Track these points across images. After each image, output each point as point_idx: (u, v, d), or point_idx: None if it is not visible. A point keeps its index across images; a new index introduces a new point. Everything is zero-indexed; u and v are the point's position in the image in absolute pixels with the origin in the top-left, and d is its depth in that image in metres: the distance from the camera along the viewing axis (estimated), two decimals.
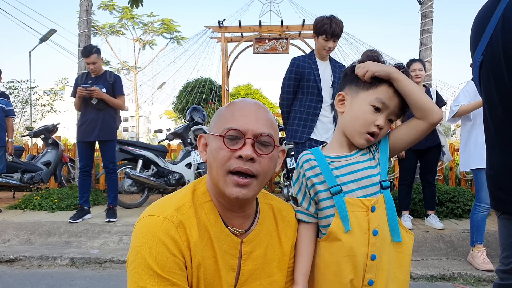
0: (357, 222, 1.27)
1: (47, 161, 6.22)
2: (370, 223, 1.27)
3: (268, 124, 1.06)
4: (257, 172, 1.03)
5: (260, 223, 1.16)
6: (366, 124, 1.28)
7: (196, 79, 15.87)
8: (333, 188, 1.28)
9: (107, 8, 21.71)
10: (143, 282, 0.96)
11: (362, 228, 1.27)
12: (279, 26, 8.40)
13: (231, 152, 1.01)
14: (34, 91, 15.72)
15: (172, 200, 1.08)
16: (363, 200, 1.28)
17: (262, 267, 1.14)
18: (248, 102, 1.10)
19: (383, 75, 1.27)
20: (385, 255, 1.29)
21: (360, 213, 1.27)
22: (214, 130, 1.06)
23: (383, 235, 1.29)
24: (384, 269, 1.29)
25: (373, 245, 1.28)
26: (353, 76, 1.33)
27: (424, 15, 5.73)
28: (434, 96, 4.29)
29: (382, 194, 1.29)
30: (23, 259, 3.68)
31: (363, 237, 1.27)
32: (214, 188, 1.07)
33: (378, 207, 1.28)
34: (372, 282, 1.28)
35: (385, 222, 1.30)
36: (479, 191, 3.37)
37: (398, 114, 1.30)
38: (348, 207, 1.27)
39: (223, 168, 1.02)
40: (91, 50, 4.48)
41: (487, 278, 3.24)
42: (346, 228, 1.26)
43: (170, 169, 5.55)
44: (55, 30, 16.11)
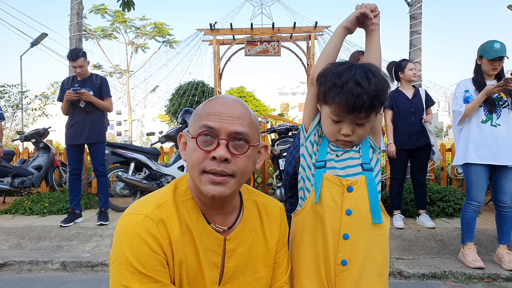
0: (332, 198, 1.32)
1: (38, 165, 6.16)
2: (344, 202, 1.32)
3: (243, 123, 1.04)
4: (232, 172, 1.02)
5: (244, 220, 1.16)
6: (332, 134, 1.35)
7: (188, 82, 15.86)
8: (318, 163, 1.36)
9: (99, 11, 21.65)
10: (125, 281, 0.96)
11: (336, 204, 1.32)
12: (270, 29, 8.43)
13: (205, 153, 1.01)
14: (25, 95, 15.59)
15: (153, 198, 1.07)
16: (342, 179, 1.34)
17: (246, 264, 1.14)
18: (225, 101, 1.07)
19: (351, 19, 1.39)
20: (362, 237, 1.32)
21: (335, 190, 1.33)
22: (191, 130, 1.06)
23: (359, 216, 1.33)
24: (359, 250, 1.31)
25: (346, 224, 1.31)
26: (319, 88, 1.35)
27: (413, 16, 5.79)
28: (424, 96, 4.33)
29: (363, 175, 1.34)
30: (13, 264, 3.64)
31: (336, 214, 1.32)
32: (194, 186, 1.07)
33: (357, 188, 1.33)
34: (345, 262, 1.30)
35: (365, 203, 1.33)
36: (469, 189, 3.40)
37: (366, 115, 1.28)
38: (325, 183, 1.33)
39: (197, 169, 1.02)
40: (77, 53, 4.47)
41: (478, 275, 3.26)
42: (316, 200, 1.32)
43: (163, 172, 5.53)
44: (47, 34, 16.03)
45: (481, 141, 3.32)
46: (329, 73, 1.31)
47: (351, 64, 1.30)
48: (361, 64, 1.32)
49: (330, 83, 1.28)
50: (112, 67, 23.79)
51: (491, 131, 3.31)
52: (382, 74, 1.32)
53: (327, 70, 1.33)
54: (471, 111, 3.35)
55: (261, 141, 1.14)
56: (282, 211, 1.28)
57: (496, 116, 3.33)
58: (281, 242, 1.25)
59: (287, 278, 1.27)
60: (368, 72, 1.27)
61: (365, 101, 1.23)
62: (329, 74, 1.31)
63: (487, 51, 3.31)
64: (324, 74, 1.33)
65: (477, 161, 3.31)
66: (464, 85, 3.47)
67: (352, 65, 1.30)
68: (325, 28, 8.69)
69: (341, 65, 1.32)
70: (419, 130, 4.17)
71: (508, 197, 3.34)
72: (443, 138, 36.14)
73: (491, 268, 3.34)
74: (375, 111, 1.29)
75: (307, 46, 8.78)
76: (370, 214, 1.33)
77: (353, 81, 1.24)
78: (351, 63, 1.31)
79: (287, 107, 31.46)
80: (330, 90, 1.28)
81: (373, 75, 1.27)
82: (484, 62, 3.36)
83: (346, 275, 1.30)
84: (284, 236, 1.27)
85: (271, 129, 6.12)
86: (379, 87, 1.25)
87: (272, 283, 1.23)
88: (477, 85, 3.40)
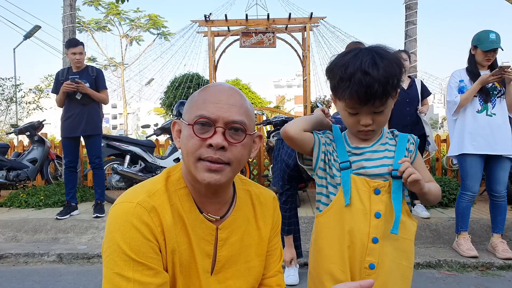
0: (360, 200, 1.29)
1: (33, 158, 6.13)
2: (372, 204, 1.28)
3: (241, 111, 1.04)
4: (229, 160, 1.01)
5: (236, 209, 1.15)
6: (352, 126, 1.32)
7: (183, 74, 15.78)
8: (343, 164, 1.32)
9: (93, 3, 21.41)
10: (118, 268, 0.95)
11: (364, 207, 1.28)
12: (265, 20, 8.38)
13: (201, 141, 1.00)
14: (19, 88, 15.46)
15: (145, 187, 1.06)
16: (369, 180, 1.29)
17: (239, 253, 1.14)
18: (221, 88, 1.06)
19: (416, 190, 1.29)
20: (389, 240, 1.29)
21: (363, 192, 1.29)
22: (186, 117, 1.05)
23: (388, 219, 1.29)
24: (387, 255, 1.29)
25: (375, 227, 1.28)
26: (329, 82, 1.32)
27: (409, 7, 5.78)
28: (419, 87, 4.33)
29: (391, 180, 1.29)
30: (9, 257, 3.64)
31: (365, 216, 1.28)
32: (188, 174, 1.07)
33: (384, 192, 1.29)
34: (373, 266, 1.28)
35: (391, 208, 1.29)
36: (464, 179, 3.42)
37: (381, 103, 1.24)
38: (353, 184, 1.29)
39: (193, 156, 1.01)
40: (77, 40, 4.55)
41: (472, 264, 3.30)
42: (346, 202, 1.28)
43: (158, 164, 5.52)
44: (40, 26, 15.85)
45: (476, 131, 3.33)
46: (335, 66, 1.26)
47: (356, 52, 1.23)
48: (367, 48, 1.25)
49: (337, 77, 1.24)
50: (107, 60, 23.62)
51: (486, 120, 3.32)
52: (392, 54, 1.26)
53: (333, 63, 1.28)
54: (466, 101, 3.35)
55: (255, 130, 1.14)
56: (275, 200, 1.28)
57: (491, 106, 3.34)
58: (274, 231, 1.25)
59: (280, 266, 1.27)
60: (376, 56, 1.20)
61: (377, 90, 1.18)
62: (335, 67, 1.25)
63: (483, 41, 3.30)
64: (331, 68, 1.28)
65: (473, 151, 3.32)
66: (458, 75, 3.47)
67: (358, 52, 1.23)
68: (320, 19, 8.65)
69: (347, 54, 1.26)
70: (414, 121, 4.18)
71: (502, 187, 3.37)
72: (438, 130, 36.21)
73: (485, 257, 3.37)
74: (390, 96, 1.24)
75: (302, 38, 8.75)
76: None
77: (360, 71, 1.18)
78: (356, 50, 1.25)
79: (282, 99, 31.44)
80: (338, 85, 1.24)
81: (382, 58, 1.20)
82: (478, 52, 3.35)
83: (373, 278, 1.26)
84: (277, 225, 1.27)
85: (267, 121, 6.11)
86: (390, 71, 1.19)
87: (265, 271, 1.23)
88: (471, 75, 3.40)
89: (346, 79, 1.20)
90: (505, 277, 3.11)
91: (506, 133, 3.32)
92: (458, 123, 3.46)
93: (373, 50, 1.23)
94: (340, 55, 1.28)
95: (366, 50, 1.24)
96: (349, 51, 1.27)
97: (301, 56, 8.85)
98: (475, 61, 3.41)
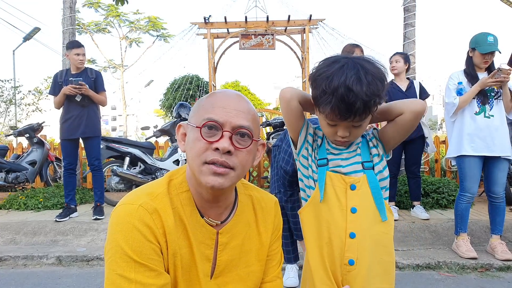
0: (336, 196, 1.32)
1: (32, 160, 6.13)
2: (348, 199, 1.31)
3: (248, 117, 1.05)
4: (234, 165, 1.02)
5: (237, 214, 1.16)
6: (329, 135, 1.34)
7: (183, 76, 15.80)
8: (320, 161, 1.36)
9: (92, 5, 21.42)
10: (120, 270, 0.96)
11: (341, 203, 1.31)
12: (264, 22, 8.40)
13: (208, 144, 1.00)
14: (18, 90, 15.46)
15: (147, 189, 1.07)
16: (344, 177, 1.33)
17: (239, 258, 1.14)
18: (229, 94, 1.08)
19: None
20: (368, 236, 1.30)
21: (339, 188, 1.32)
22: (193, 120, 1.05)
23: (364, 214, 1.30)
24: (366, 250, 1.29)
25: (352, 222, 1.30)
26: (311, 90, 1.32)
27: (407, 9, 5.79)
28: (418, 88, 4.34)
29: (364, 174, 1.33)
30: (7, 259, 3.63)
31: (341, 212, 1.31)
32: (192, 177, 1.07)
33: (360, 187, 1.31)
34: (352, 261, 1.29)
35: (369, 202, 1.31)
36: (463, 181, 3.43)
37: (361, 118, 1.25)
38: (328, 181, 1.32)
39: (199, 159, 1.01)
40: (80, 42, 4.56)
41: (471, 265, 3.30)
42: (321, 198, 1.32)
43: (158, 166, 5.52)
44: (39, 28, 15.88)
45: (475, 133, 3.34)
46: (320, 77, 1.24)
47: (342, 64, 1.21)
48: (354, 60, 1.22)
49: (320, 88, 1.22)
50: (106, 61, 23.62)
51: (485, 122, 3.33)
52: (377, 68, 1.25)
53: (318, 72, 1.25)
54: (465, 103, 3.36)
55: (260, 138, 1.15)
56: (277, 205, 1.28)
57: (489, 107, 3.34)
58: (274, 235, 1.25)
59: (279, 271, 1.27)
60: (361, 71, 1.19)
61: (359, 107, 1.18)
62: (319, 78, 1.24)
63: (480, 44, 3.31)
64: (315, 77, 1.26)
65: (472, 153, 3.33)
66: (456, 77, 3.48)
67: (344, 65, 1.21)
68: (319, 21, 8.67)
69: (332, 64, 1.23)
70: None
71: (501, 188, 3.37)
72: (437, 131, 36.18)
73: (484, 258, 3.38)
74: (370, 112, 1.24)
75: (301, 40, 8.76)
76: (375, 212, 1.31)
77: (344, 86, 1.17)
78: (342, 62, 1.22)
79: None
80: (321, 96, 1.23)
81: (366, 73, 1.19)
82: (476, 54, 3.36)
83: (354, 275, 1.28)
84: (278, 230, 1.27)
85: (266, 123, 6.13)
86: (373, 88, 1.18)
87: (264, 276, 1.23)
88: (469, 77, 3.41)
89: (329, 93, 1.19)
90: (504, 278, 3.11)
91: (504, 134, 3.33)
92: (456, 124, 3.47)
93: (358, 63, 1.21)
94: (325, 65, 1.25)
95: (352, 62, 1.22)
96: (334, 61, 1.25)
97: (300, 58, 8.87)
98: (473, 63, 3.42)
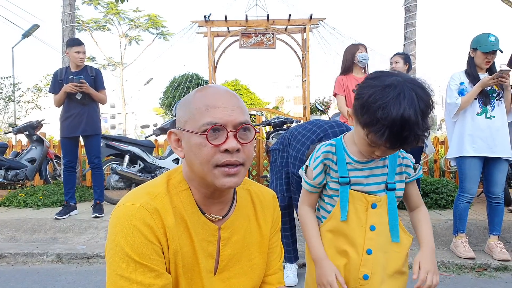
0: (356, 214, 1.34)
1: (32, 158, 6.13)
2: (368, 218, 1.34)
3: (243, 111, 1.05)
4: (243, 160, 1.03)
5: (237, 209, 1.17)
6: (365, 151, 1.30)
7: (183, 74, 15.79)
8: (342, 179, 1.35)
9: (92, 3, 21.37)
10: (121, 270, 0.97)
11: (360, 220, 1.34)
12: (265, 21, 8.40)
13: (215, 148, 1.00)
14: (17, 87, 15.43)
15: (147, 189, 1.08)
16: (366, 196, 1.34)
17: (241, 252, 1.16)
18: (219, 91, 1.06)
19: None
20: (383, 252, 1.35)
21: (360, 206, 1.34)
22: (189, 126, 1.03)
23: (381, 232, 1.35)
24: (380, 265, 1.34)
25: (370, 239, 1.34)
26: (356, 106, 1.25)
27: (408, 9, 5.80)
28: None
29: (386, 194, 1.35)
30: (7, 256, 3.64)
31: (360, 229, 1.34)
32: (197, 179, 1.07)
33: (380, 206, 1.35)
34: (367, 276, 1.33)
35: (386, 221, 1.35)
36: (463, 181, 3.44)
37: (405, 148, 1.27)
38: (351, 199, 1.34)
39: (209, 164, 1.01)
40: (80, 40, 4.56)
41: (469, 265, 3.31)
42: (342, 217, 1.34)
43: (157, 165, 5.53)
44: (38, 25, 15.83)
45: (476, 134, 3.34)
46: (374, 104, 1.15)
47: (398, 92, 1.13)
48: (408, 86, 1.14)
49: (374, 117, 1.15)
50: (106, 59, 23.59)
51: (486, 123, 3.34)
52: (430, 96, 1.19)
53: (371, 99, 1.16)
54: (467, 104, 3.37)
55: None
56: (275, 199, 1.30)
57: (491, 108, 3.35)
58: (274, 228, 1.27)
59: (280, 264, 1.29)
60: (417, 103, 1.13)
61: (411, 141, 1.16)
62: (373, 106, 1.15)
63: (482, 43, 3.31)
64: (368, 103, 1.17)
65: (473, 154, 3.33)
66: (458, 77, 3.49)
67: (400, 93, 1.13)
68: (320, 20, 8.67)
69: (386, 90, 1.15)
70: None
71: (500, 189, 3.39)
72: (437, 131, 36.17)
73: (482, 258, 3.39)
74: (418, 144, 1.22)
75: (302, 39, 8.77)
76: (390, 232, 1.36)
77: (400, 121, 1.11)
78: (398, 89, 1.14)
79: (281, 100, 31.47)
80: (373, 125, 1.16)
81: (422, 105, 1.14)
82: (478, 54, 3.37)
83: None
84: (276, 223, 1.29)
85: (266, 122, 6.12)
86: (427, 123, 1.15)
87: (266, 269, 1.25)
88: (471, 78, 3.42)
89: (384, 125, 1.13)
90: (501, 278, 3.13)
91: (504, 135, 3.34)
92: (457, 125, 3.48)
93: (413, 90, 1.15)
94: (379, 89, 1.17)
95: (407, 89, 1.14)
96: (388, 85, 1.16)
97: (300, 57, 8.87)
98: (474, 64, 3.43)
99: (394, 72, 1.24)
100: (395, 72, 1.25)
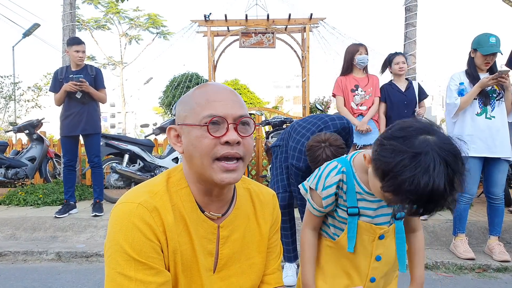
0: (363, 244, 1.35)
1: (32, 156, 6.14)
2: (374, 248, 1.34)
3: (242, 105, 1.07)
4: (243, 154, 1.04)
5: (237, 207, 1.17)
6: (380, 197, 1.21)
7: (182, 73, 15.79)
8: (351, 209, 1.33)
9: (92, 2, 21.36)
10: (120, 268, 0.97)
11: (366, 251, 1.34)
12: (265, 20, 8.39)
13: (215, 140, 1.01)
14: (18, 86, 15.43)
15: (146, 187, 1.08)
16: (375, 227, 1.34)
17: (240, 250, 1.16)
18: (219, 86, 1.09)
19: None
20: (383, 278, 1.39)
21: (367, 237, 1.34)
22: (190, 120, 1.04)
23: (386, 261, 1.36)
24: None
25: (374, 269, 1.36)
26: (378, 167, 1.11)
27: (409, 9, 5.79)
28: (417, 89, 4.34)
29: (394, 224, 1.36)
30: (7, 254, 3.64)
31: (366, 259, 1.35)
32: (196, 175, 1.07)
33: (388, 236, 1.35)
34: None
35: (392, 249, 1.37)
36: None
37: None
38: (358, 229, 1.34)
39: (208, 156, 1.01)
40: (80, 39, 4.56)
41: (469, 266, 3.31)
42: (349, 249, 1.33)
43: (157, 164, 5.53)
44: (39, 24, 15.82)
45: (476, 134, 3.34)
46: (400, 172, 1.02)
47: (428, 164, 1.00)
48: (440, 156, 1.01)
49: (398, 188, 1.03)
50: (106, 58, 23.58)
51: (486, 123, 3.33)
52: (463, 165, 1.06)
53: (398, 166, 1.02)
54: (466, 104, 3.37)
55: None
56: (275, 198, 1.30)
57: (491, 108, 3.35)
58: (273, 228, 1.27)
59: (279, 264, 1.29)
60: (449, 175, 1.00)
61: (434, 211, 1.06)
62: (399, 175, 1.02)
63: (483, 45, 3.30)
64: (392, 170, 1.03)
65: (473, 154, 3.33)
66: (458, 77, 3.49)
67: (430, 164, 1.00)
68: (320, 20, 8.66)
69: (416, 159, 1.01)
70: None
71: (500, 189, 3.39)
72: None
73: (482, 259, 3.39)
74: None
75: (302, 39, 8.76)
76: (396, 261, 1.39)
77: (429, 195, 0.99)
78: (428, 160, 1.00)
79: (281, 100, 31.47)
80: (396, 194, 1.05)
81: (457, 177, 1.02)
82: (478, 55, 3.37)
83: None
84: (276, 223, 1.29)
85: (266, 122, 6.13)
86: (456, 195, 1.04)
87: (265, 268, 1.25)
88: (471, 78, 3.41)
89: (411, 196, 1.02)
90: (501, 279, 3.13)
91: (504, 135, 3.34)
92: (457, 125, 3.48)
93: (446, 159, 1.02)
94: (406, 156, 1.02)
95: (439, 158, 1.01)
96: (418, 152, 1.01)
97: (300, 57, 8.87)
98: (475, 64, 3.42)
99: (422, 128, 1.08)
100: (423, 126, 1.10)
